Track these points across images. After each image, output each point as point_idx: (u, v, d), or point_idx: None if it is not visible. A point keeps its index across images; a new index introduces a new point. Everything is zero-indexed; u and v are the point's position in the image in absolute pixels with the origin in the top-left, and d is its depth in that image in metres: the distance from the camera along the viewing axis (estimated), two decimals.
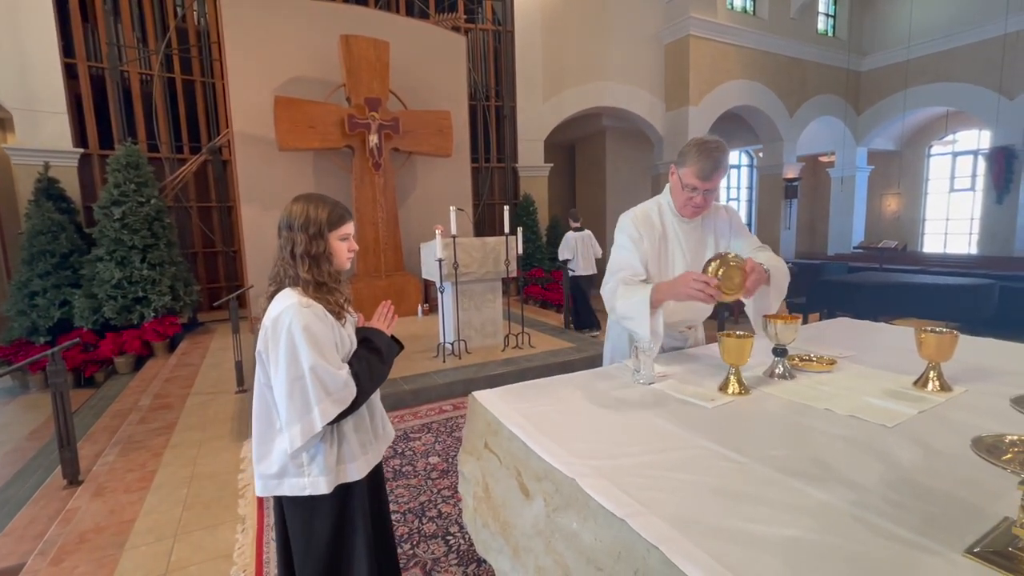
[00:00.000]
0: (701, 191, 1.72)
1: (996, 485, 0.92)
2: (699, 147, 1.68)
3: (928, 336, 1.42)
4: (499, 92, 9.10)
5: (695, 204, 1.77)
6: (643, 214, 1.88)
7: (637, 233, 1.83)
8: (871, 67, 11.84)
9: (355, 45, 6.23)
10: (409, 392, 3.85)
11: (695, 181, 1.70)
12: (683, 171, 1.74)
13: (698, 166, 1.68)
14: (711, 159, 1.66)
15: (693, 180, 1.71)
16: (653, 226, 1.86)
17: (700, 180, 1.70)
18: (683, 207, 1.82)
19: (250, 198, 6.27)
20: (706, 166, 1.67)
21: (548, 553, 1.02)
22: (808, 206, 13.95)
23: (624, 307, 1.73)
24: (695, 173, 1.69)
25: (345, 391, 1.27)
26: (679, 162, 1.75)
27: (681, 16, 9.47)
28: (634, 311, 1.69)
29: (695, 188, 1.72)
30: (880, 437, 1.15)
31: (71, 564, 2.08)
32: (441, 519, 2.34)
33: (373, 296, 6.27)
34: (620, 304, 1.74)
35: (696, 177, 1.70)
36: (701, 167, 1.67)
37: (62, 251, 5.85)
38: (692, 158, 1.69)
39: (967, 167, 11.83)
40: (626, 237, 1.85)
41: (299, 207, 1.32)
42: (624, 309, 1.73)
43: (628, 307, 1.71)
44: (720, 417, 1.31)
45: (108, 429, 3.75)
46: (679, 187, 1.78)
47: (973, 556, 0.73)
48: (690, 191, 1.74)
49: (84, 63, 6.72)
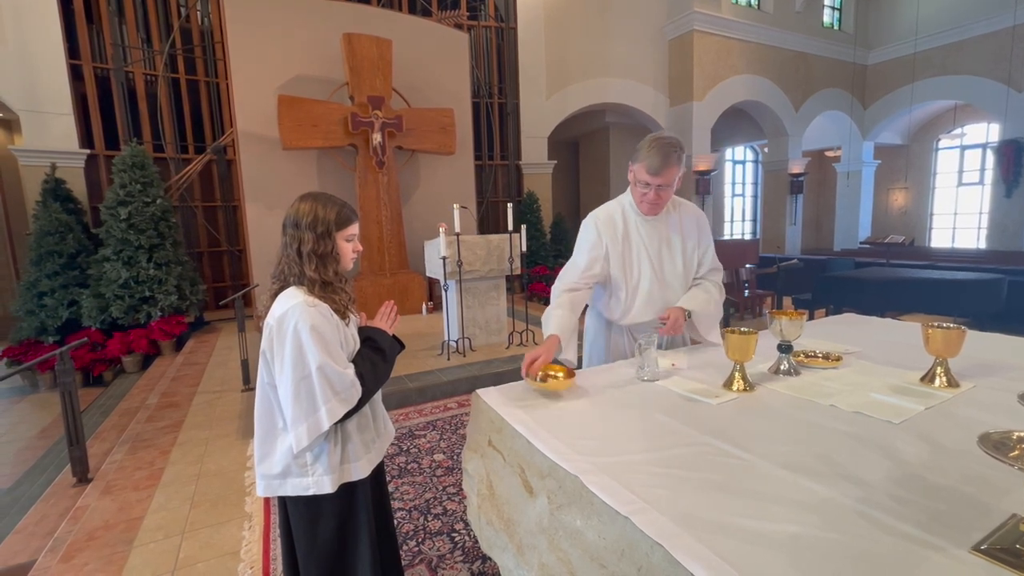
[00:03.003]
0: (653, 187, 1.74)
1: (1004, 482, 0.92)
2: (651, 142, 1.70)
3: (935, 332, 1.41)
4: (502, 89, 9.08)
5: (649, 200, 1.79)
6: (606, 214, 1.92)
7: (596, 235, 1.88)
8: (878, 60, 11.72)
9: (358, 43, 6.23)
10: (414, 390, 3.86)
11: (646, 176, 1.73)
12: (636, 167, 1.76)
13: (648, 162, 1.70)
14: (660, 154, 1.68)
15: (644, 176, 1.73)
16: (615, 226, 1.89)
17: (651, 175, 1.72)
18: (639, 203, 1.85)
19: (254, 197, 6.29)
20: (655, 161, 1.69)
21: (552, 550, 1.02)
22: (814, 201, 13.85)
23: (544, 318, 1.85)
24: (646, 168, 1.72)
25: (352, 390, 1.27)
26: (633, 158, 1.77)
27: (685, 11, 9.41)
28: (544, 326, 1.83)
29: (647, 184, 1.74)
30: (886, 433, 1.14)
31: (81, 561, 2.10)
32: (446, 516, 2.35)
33: (377, 294, 6.29)
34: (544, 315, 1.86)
35: (647, 172, 1.72)
36: (650, 162, 1.70)
37: (69, 251, 5.89)
38: (643, 153, 1.71)
39: (975, 161, 11.71)
40: (584, 239, 1.92)
41: (307, 206, 1.32)
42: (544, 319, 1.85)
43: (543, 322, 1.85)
44: (725, 414, 1.30)
45: (116, 427, 3.78)
46: (633, 183, 1.82)
47: (980, 553, 0.73)
48: (643, 187, 1.77)
49: (89, 64, 6.75)
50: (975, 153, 11.69)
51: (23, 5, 6.12)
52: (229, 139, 7.46)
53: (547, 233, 9.16)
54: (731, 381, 1.48)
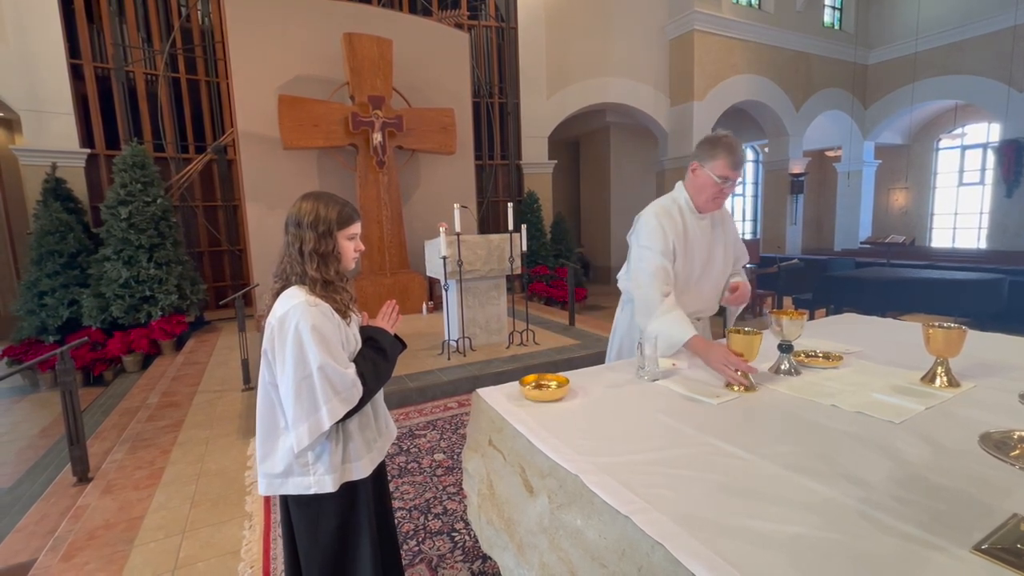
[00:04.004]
0: (732, 182, 1.80)
1: (1005, 481, 0.91)
2: (721, 141, 1.78)
3: (936, 332, 1.41)
4: (502, 89, 9.08)
5: (724, 196, 1.85)
6: (665, 211, 1.91)
7: (662, 230, 1.86)
8: (878, 60, 11.71)
9: (358, 43, 6.23)
10: (415, 389, 3.86)
11: (729, 172, 1.78)
12: (714, 164, 1.79)
13: (730, 158, 1.77)
14: (738, 150, 1.78)
15: (727, 171, 1.78)
16: (676, 224, 1.90)
17: (733, 170, 1.78)
18: (711, 201, 1.86)
19: (255, 197, 6.29)
20: (739, 157, 1.78)
21: (552, 550, 1.02)
22: (814, 201, 13.84)
23: (658, 329, 1.72)
24: (730, 165, 1.77)
25: (353, 390, 1.27)
26: (706, 157, 1.80)
27: (685, 10, 9.40)
28: (662, 342, 1.69)
29: (726, 179, 1.79)
30: (887, 433, 1.14)
31: (81, 560, 2.10)
32: (446, 516, 2.35)
33: (378, 294, 6.29)
34: (656, 325, 1.74)
35: (731, 168, 1.78)
36: (734, 158, 1.77)
37: (70, 251, 5.90)
38: (721, 151, 1.77)
39: (976, 161, 11.70)
40: (657, 238, 1.85)
41: (309, 205, 1.32)
42: (656, 331, 1.71)
43: (661, 335, 1.70)
44: (725, 413, 1.30)
45: (117, 427, 3.78)
46: (709, 182, 1.81)
47: (981, 553, 0.73)
48: (720, 183, 1.80)
49: (90, 64, 6.75)
50: (976, 153, 11.69)
51: (24, 5, 6.12)
52: (229, 139, 7.46)
53: (547, 233, 9.15)
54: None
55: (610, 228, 11.79)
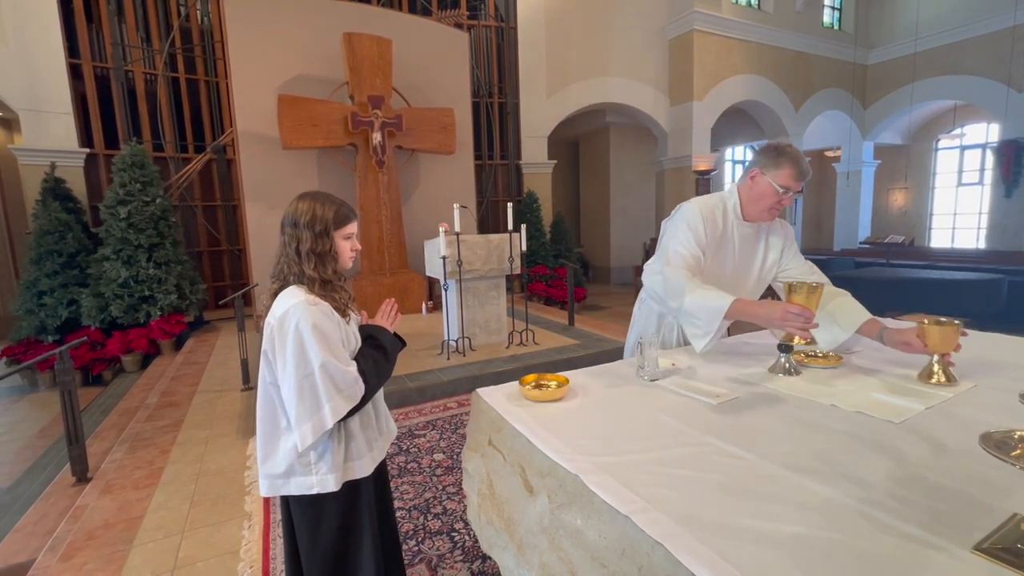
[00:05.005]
0: (792, 192, 1.76)
1: (1005, 481, 0.91)
2: (787, 151, 1.75)
3: (931, 327, 1.41)
4: (502, 89, 9.08)
5: (782, 207, 1.81)
6: (709, 209, 1.88)
7: (700, 223, 1.83)
8: (878, 60, 11.72)
9: (358, 43, 6.23)
10: (414, 389, 3.86)
11: (792, 183, 1.74)
12: (778, 173, 1.75)
13: (798, 168, 1.73)
14: (804, 161, 1.75)
15: (790, 182, 1.74)
16: (716, 224, 1.87)
17: (797, 181, 1.74)
18: (767, 211, 1.83)
19: (254, 196, 6.29)
20: (804, 167, 1.74)
21: (552, 550, 1.02)
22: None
23: (694, 306, 1.66)
24: (795, 175, 1.73)
25: (355, 387, 1.27)
26: (769, 165, 1.76)
27: (685, 10, 9.40)
28: (703, 314, 1.65)
29: (787, 189, 1.75)
30: (887, 433, 1.14)
31: (80, 560, 2.10)
32: (446, 515, 2.34)
33: (377, 294, 6.29)
34: (691, 301, 1.67)
35: (795, 179, 1.74)
36: (801, 169, 1.73)
37: (69, 251, 5.89)
38: (788, 161, 1.73)
39: (975, 161, 11.70)
40: (690, 225, 1.84)
41: (305, 204, 1.32)
42: (693, 307, 1.66)
43: (699, 308, 1.65)
44: (725, 413, 1.30)
45: (116, 427, 3.78)
46: (770, 191, 1.78)
47: (981, 553, 0.73)
48: (782, 193, 1.76)
49: (89, 63, 6.75)
50: (975, 153, 11.69)
51: (23, 4, 6.11)
52: (229, 138, 7.46)
53: (547, 233, 9.15)
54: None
55: (610, 228, 11.79)
